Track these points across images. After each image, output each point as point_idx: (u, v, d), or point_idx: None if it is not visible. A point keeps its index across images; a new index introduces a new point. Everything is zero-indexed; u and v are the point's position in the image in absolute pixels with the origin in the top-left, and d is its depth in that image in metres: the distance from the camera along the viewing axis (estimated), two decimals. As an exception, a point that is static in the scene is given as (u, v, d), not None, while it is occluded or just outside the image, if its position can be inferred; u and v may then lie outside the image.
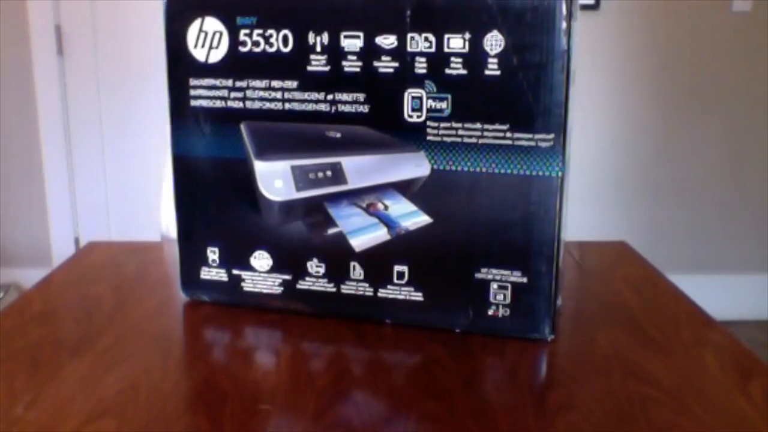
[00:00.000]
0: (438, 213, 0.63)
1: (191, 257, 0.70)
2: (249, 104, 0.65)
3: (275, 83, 0.64)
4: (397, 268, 0.65)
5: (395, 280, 0.65)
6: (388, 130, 0.62)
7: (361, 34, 0.61)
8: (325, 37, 0.62)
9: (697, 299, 0.73)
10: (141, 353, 0.62)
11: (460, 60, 0.59)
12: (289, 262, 0.68)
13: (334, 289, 0.67)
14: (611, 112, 2.36)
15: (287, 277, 0.68)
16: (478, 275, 0.63)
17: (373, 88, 0.62)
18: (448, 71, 0.60)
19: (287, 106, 0.64)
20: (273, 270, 0.68)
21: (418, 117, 0.61)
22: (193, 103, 0.67)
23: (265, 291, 0.69)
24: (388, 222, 0.64)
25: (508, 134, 0.59)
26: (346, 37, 0.62)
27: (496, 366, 0.60)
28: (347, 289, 0.66)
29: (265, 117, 0.65)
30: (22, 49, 2.32)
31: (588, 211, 2.37)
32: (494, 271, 0.63)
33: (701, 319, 0.69)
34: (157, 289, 0.76)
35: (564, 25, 0.57)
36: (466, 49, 0.59)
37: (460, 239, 0.63)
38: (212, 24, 0.65)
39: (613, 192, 2.41)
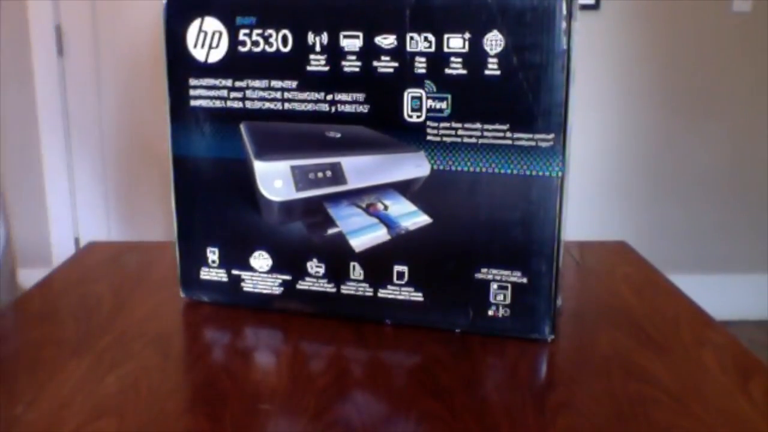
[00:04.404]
0: (438, 213, 0.63)
1: (191, 257, 0.70)
2: (249, 104, 0.65)
3: (275, 83, 0.64)
4: (397, 268, 0.65)
5: (395, 281, 0.65)
6: (387, 130, 0.62)
7: (361, 34, 0.61)
8: (325, 37, 0.62)
9: (697, 299, 0.73)
10: (141, 353, 0.62)
11: (459, 60, 0.59)
12: (288, 262, 0.67)
13: (334, 290, 0.67)
14: (611, 112, 2.36)
15: (287, 277, 0.68)
16: (478, 275, 0.63)
17: (372, 88, 0.62)
18: (447, 71, 0.60)
19: (287, 106, 0.64)
20: (273, 270, 0.68)
21: (418, 117, 0.61)
22: (193, 103, 0.67)
23: (264, 291, 0.69)
24: (387, 222, 0.64)
25: (508, 134, 0.59)
26: (345, 37, 0.62)
27: (497, 366, 0.60)
28: (347, 289, 0.66)
29: (265, 117, 0.65)
30: (22, 49, 2.32)
31: (588, 211, 2.37)
32: (494, 271, 0.62)
33: (701, 319, 0.69)
34: (156, 289, 0.76)
35: (564, 25, 0.57)
36: (466, 49, 0.59)
37: (460, 239, 0.62)
38: (212, 24, 0.65)
39: (613, 192, 2.41)
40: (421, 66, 0.60)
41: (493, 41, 0.58)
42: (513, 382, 0.57)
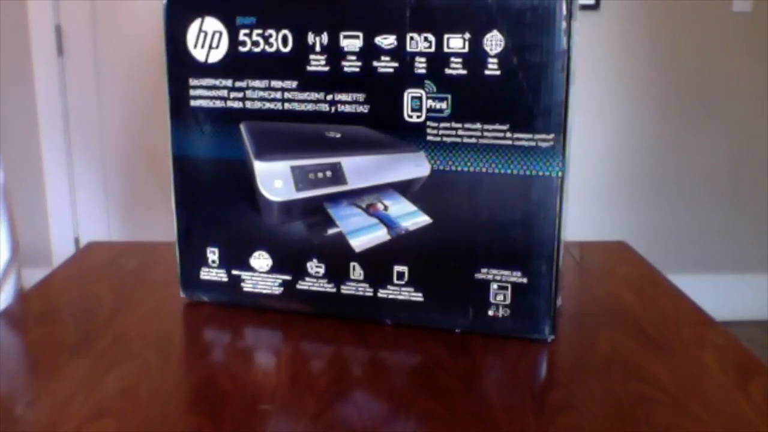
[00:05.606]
0: (438, 213, 0.63)
1: (191, 257, 0.70)
2: (249, 104, 0.65)
3: (275, 83, 0.64)
4: (397, 268, 0.65)
5: (395, 281, 0.65)
6: (387, 130, 0.62)
7: (361, 34, 0.61)
8: (325, 37, 0.62)
9: (697, 299, 0.73)
10: (141, 353, 0.62)
11: (459, 60, 0.59)
12: (288, 262, 0.67)
13: (334, 290, 0.67)
14: (611, 112, 2.36)
15: (287, 277, 0.68)
16: (478, 275, 0.63)
17: (372, 88, 0.62)
18: (447, 71, 0.60)
19: (287, 106, 0.64)
20: (273, 270, 0.68)
21: (418, 117, 0.61)
22: (193, 103, 0.67)
23: (265, 291, 0.69)
24: (388, 222, 0.64)
25: (508, 134, 0.59)
26: (345, 37, 0.62)
27: (497, 366, 0.60)
28: (347, 289, 0.66)
29: (265, 117, 0.65)
30: (22, 49, 2.32)
31: (588, 211, 2.37)
32: (494, 271, 0.62)
33: (701, 319, 0.69)
34: (157, 289, 0.76)
35: (564, 25, 0.57)
36: (466, 49, 0.59)
37: (460, 239, 0.62)
38: (212, 24, 0.65)
39: (613, 192, 2.41)
40: (421, 66, 0.60)
41: (493, 41, 0.58)
42: (513, 382, 0.57)
